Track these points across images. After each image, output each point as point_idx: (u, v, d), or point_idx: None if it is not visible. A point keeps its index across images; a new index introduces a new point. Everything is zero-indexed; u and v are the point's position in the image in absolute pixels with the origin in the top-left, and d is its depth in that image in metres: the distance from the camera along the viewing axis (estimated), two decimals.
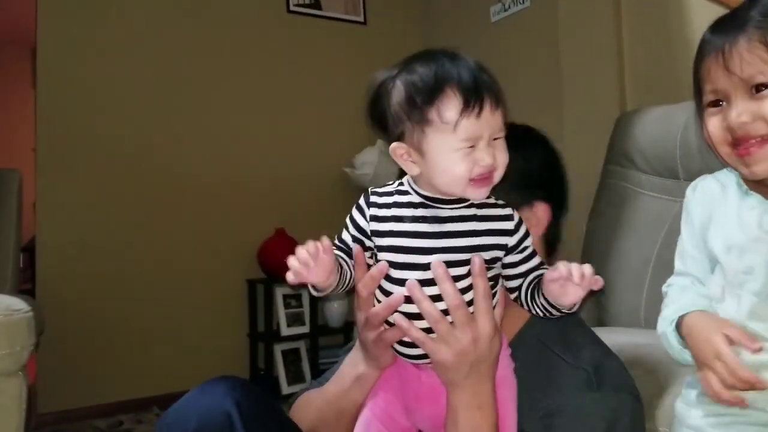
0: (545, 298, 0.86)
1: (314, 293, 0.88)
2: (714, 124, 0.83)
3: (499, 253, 0.90)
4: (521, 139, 1.03)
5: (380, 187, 0.94)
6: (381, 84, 0.90)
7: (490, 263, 0.89)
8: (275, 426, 0.98)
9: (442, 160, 0.83)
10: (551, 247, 1.13)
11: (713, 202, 0.91)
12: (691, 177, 1.64)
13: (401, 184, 0.93)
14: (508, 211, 0.91)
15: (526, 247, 0.91)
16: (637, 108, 2.05)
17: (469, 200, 0.88)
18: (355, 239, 0.93)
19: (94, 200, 2.96)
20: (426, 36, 3.74)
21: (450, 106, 0.82)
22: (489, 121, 0.83)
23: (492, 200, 0.91)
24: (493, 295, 0.92)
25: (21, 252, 2.45)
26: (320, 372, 3.20)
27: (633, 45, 2.40)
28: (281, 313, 3.16)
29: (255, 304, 3.24)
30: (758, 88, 0.78)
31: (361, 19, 3.67)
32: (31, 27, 2.94)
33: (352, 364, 1.03)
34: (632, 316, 1.62)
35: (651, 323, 1.57)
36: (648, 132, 1.80)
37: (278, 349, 3.17)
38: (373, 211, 0.91)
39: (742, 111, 0.78)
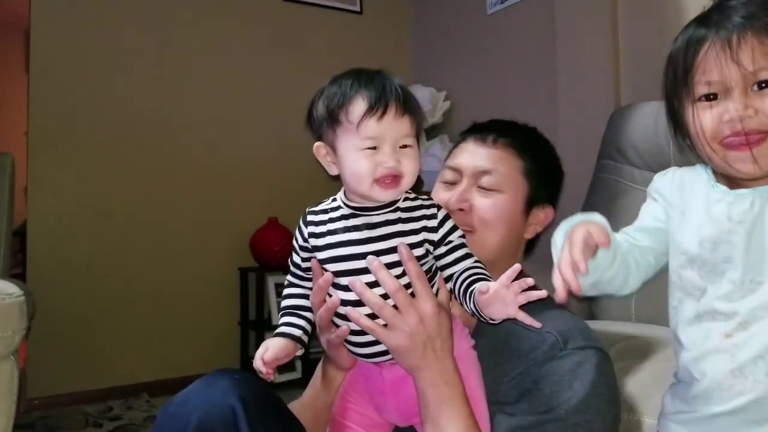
0: (474, 305, 0.91)
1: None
2: (710, 117, 0.81)
3: (429, 247, 0.97)
4: (542, 141, 1.24)
5: (315, 205, 1.03)
6: (315, 93, 1.00)
7: (422, 258, 0.96)
8: (279, 423, 0.98)
9: (348, 158, 0.93)
10: (529, 249, 1.23)
11: (685, 193, 0.91)
12: None
13: (334, 200, 1.01)
14: (432, 210, 0.98)
15: (450, 241, 0.97)
16: (631, 103, 2.06)
17: (394, 205, 0.96)
18: (304, 259, 1.03)
19: (86, 185, 2.95)
20: (421, 26, 3.74)
21: (355, 108, 0.91)
22: (392, 125, 0.91)
23: (419, 201, 0.98)
24: (432, 279, 0.98)
25: (12, 236, 2.44)
26: (310, 363, 3.22)
27: (628, 40, 2.40)
28: (273, 302, 3.17)
29: (247, 292, 3.25)
30: (762, 84, 0.77)
31: (356, 8, 3.66)
32: (25, 11, 2.91)
33: (321, 369, 1.12)
34: (622, 310, 1.63)
35: (641, 317, 1.59)
36: (641, 127, 1.81)
37: (269, 337, 3.16)
38: (311, 228, 1.00)
39: (746, 104, 0.78)
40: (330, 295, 0.99)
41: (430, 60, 3.63)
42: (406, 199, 0.98)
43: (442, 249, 0.97)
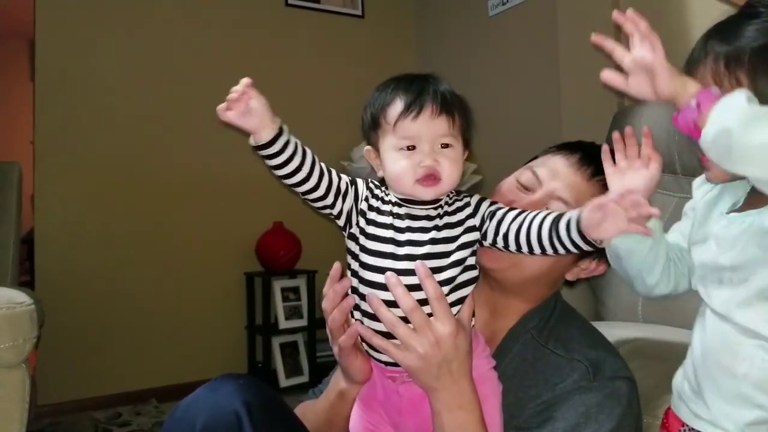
0: (576, 231, 0.86)
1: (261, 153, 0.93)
2: None
3: (474, 237, 0.94)
4: None
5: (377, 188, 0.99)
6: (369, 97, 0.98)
7: (469, 247, 0.94)
8: (284, 427, 0.99)
9: (388, 159, 0.92)
10: (563, 283, 1.16)
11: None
12: (687, 172, 1.66)
13: (387, 194, 0.97)
14: (467, 200, 0.96)
15: (497, 210, 0.95)
16: (634, 104, 2.06)
17: (438, 203, 0.94)
18: (352, 183, 0.97)
19: (92, 193, 2.96)
20: (423, 30, 3.74)
21: (393, 109, 0.91)
22: (428, 124, 0.90)
23: (461, 197, 0.97)
24: (456, 288, 0.94)
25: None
26: (317, 367, 3.22)
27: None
28: (279, 306, 3.18)
29: (253, 297, 3.26)
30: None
31: (359, 12, 3.67)
32: (29, 20, 2.94)
33: (336, 380, 1.08)
34: (630, 311, 1.63)
35: (648, 317, 1.59)
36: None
37: (276, 342, 3.18)
38: (363, 202, 0.96)
39: None
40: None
41: (433, 63, 3.64)
42: (453, 200, 0.96)
43: (493, 222, 0.94)
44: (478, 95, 3.22)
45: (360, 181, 0.98)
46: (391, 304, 0.91)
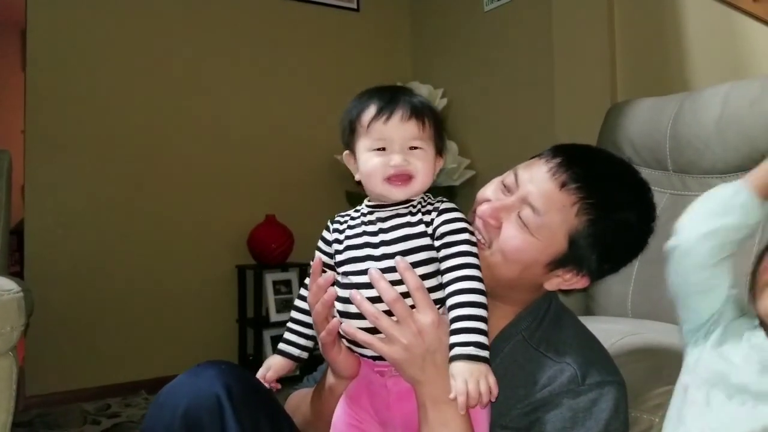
0: None
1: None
2: None
3: (431, 242, 0.96)
4: (630, 220, 1.04)
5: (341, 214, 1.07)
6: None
7: (427, 250, 0.95)
8: (264, 409, 1.00)
9: (362, 159, 0.98)
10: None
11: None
12: (679, 168, 1.66)
13: (356, 210, 1.04)
14: (437, 205, 0.98)
15: (443, 236, 0.94)
16: (628, 99, 2.06)
17: (409, 203, 0.98)
18: (323, 252, 1.06)
19: (83, 183, 2.95)
20: (418, 24, 3.74)
21: (367, 114, 0.98)
22: (399, 127, 0.96)
23: (434, 200, 0.99)
24: (438, 287, 0.95)
25: (9, 234, 2.43)
26: (310, 356, 3.21)
27: (625, 36, 2.41)
28: (271, 299, 3.17)
29: (244, 289, 3.25)
30: None
31: (353, 5, 3.66)
32: (21, 9, 2.91)
33: (327, 375, 1.10)
34: (620, 306, 1.64)
35: (638, 312, 1.59)
36: (638, 123, 1.81)
37: (267, 334, 3.18)
38: (335, 235, 1.03)
39: None
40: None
41: (427, 57, 3.64)
42: (427, 202, 0.98)
43: (438, 245, 0.94)
44: (471, 89, 3.24)
45: (322, 234, 1.06)
46: (374, 301, 0.94)
